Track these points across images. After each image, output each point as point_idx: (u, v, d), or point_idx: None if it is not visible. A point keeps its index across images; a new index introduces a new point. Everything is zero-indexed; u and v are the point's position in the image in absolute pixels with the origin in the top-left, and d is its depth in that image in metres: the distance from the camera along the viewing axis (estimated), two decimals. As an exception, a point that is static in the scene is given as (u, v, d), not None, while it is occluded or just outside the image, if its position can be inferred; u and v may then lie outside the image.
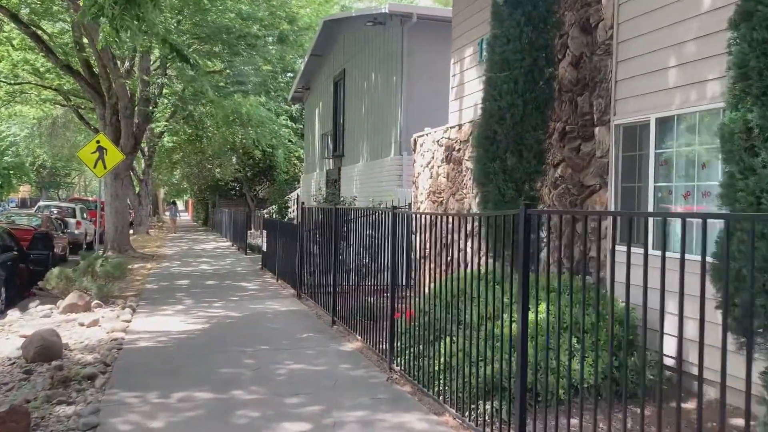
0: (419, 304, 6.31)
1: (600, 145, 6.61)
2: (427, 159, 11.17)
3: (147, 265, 16.96)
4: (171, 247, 23.98)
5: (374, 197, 13.54)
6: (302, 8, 25.81)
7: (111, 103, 18.00)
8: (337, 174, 18.31)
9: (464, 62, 9.82)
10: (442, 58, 13.60)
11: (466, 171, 9.52)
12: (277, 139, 31.75)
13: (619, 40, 6.38)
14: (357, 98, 16.86)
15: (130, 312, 9.58)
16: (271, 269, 14.81)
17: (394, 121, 13.94)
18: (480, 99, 9.20)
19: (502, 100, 6.50)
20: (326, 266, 9.51)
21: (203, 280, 13.95)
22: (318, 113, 21.74)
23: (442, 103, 13.44)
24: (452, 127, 10.12)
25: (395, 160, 13.67)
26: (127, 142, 18.15)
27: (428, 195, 10.99)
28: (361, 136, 16.39)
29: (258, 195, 37.88)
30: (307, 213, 10.91)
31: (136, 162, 33.91)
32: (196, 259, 18.67)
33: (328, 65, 20.15)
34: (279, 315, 9.65)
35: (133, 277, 14.26)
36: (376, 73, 15.26)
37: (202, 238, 29.74)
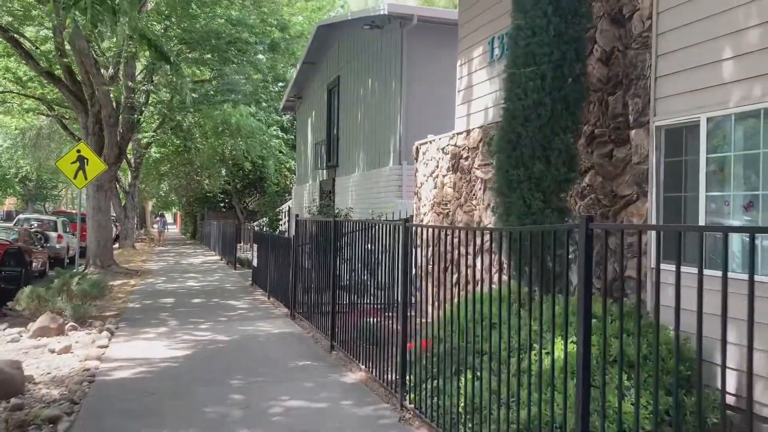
0: (431, 329, 5.51)
1: (637, 149, 5.86)
2: (430, 168, 10.40)
3: (131, 281, 16.05)
4: (157, 261, 23.04)
5: (373, 209, 12.75)
6: (294, 16, 25.14)
7: (94, 111, 17.15)
8: (332, 185, 17.52)
9: (472, 63, 9.09)
10: (444, 62, 12.88)
11: (475, 180, 8.76)
12: (267, 150, 31.01)
13: (659, 32, 5.65)
14: (352, 106, 16.11)
15: (107, 336, 8.70)
16: (262, 286, 13.95)
17: (392, 129, 13.18)
18: (491, 102, 8.47)
19: (528, 99, 5.74)
20: (323, 283, 8.69)
21: (189, 298, 13.07)
22: (311, 122, 20.97)
23: (445, 109, 12.70)
24: (459, 133, 9.37)
25: (394, 169, 12.89)
26: (110, 152, 17.28)
27: (432, 206, 10.21)
28: (356, 145, 15.62)
29: (248, 207, 36.99)
30: (301, 225, 10.09)
31: (123, 173, 32.99)
32: (183, 275, 17.76)
33: (322, 73, 19.41)
34: (271, 339, 8.80)
35: (114, 295, 13.35)
36: (373, 79, 14.52)
37: (190, 252, 28.80)
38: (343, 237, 7.87)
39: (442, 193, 9.87)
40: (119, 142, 17.74)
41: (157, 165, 34.38)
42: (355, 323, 7.40)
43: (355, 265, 7.50)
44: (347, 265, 7.75)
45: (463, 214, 9.09)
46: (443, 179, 9.86)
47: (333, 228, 7.98)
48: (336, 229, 7.94)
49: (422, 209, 10.71)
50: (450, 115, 12.61)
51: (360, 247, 7.30)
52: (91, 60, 16.01)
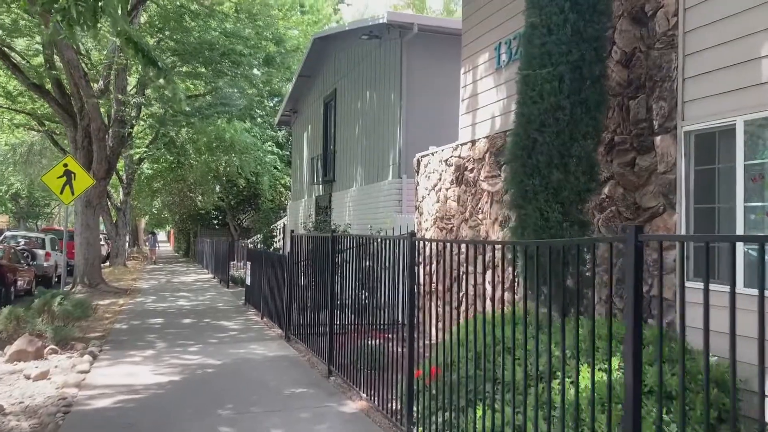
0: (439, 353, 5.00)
1: (663, 157, 5.39)
2: (432, 181, 9.93)
3: (119, 300, 15.45)
4: (148, 279, 22.43)
5: (371, 224, 12.25)
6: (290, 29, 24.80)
7: (83, 125, 16.64)
8: (328, 200, 17.02)
9: (478, 71, 8.65)
10: (445, 72, 12.48)
11: (481, 193, 8.28)
12: (262, 166, 30.57)
13: (687, 29, 5.21)
14: (350, 119, 15.67)
15: (89, 360, 8.12)
16: (255, 305, 13.39)
17: (392, 142, 12.73)
18: (499, 110, 8.02)
19: (544, 102, 5.27)
20: (320, 303, 8.17)
21: (180, 318, 12.49)
22: (306, 137, 20.52)
23: (447, 121, 12.27)
24: (463, 144, 8.91)
25: (393, 183, 12.41)
26: (99, 166, 16.75)
27: (435, 221, 9.72)
28: (354, 159, 15.15)
29: (242, 224, 36.41)
30: (297, 241, 9.58)
31: (114, 190, 32.42)
32: (174, 294, 17.17)
33: (318, 86, 19.00)
34: (265, 363, 8.24)
35: (101, 315, 12.77)
36: (371, 91, 14.10)
37: (182, 270, 28.18)
38: (342, 253, 7.36)
39: (445, 207, 9.39)
40: (109, 156, 17.22)
41: (149, 181, 33.83)
42: (355, 346, 6.88)
43: (354, 283, 7.00)
44: (346, 283, 7.24)
45: (468, 230, 8.60)
46: (446, 192, 9.38)
47: (331, 243, 7.47)
48: (334, 245, 7.43)
49: (424, 224, 10.22)
50: (452, 127, 12.18)
51: (360, 264, 6.80)
52: (81, 72, 15.55)
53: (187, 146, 30.61)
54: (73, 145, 17.01)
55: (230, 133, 28.10)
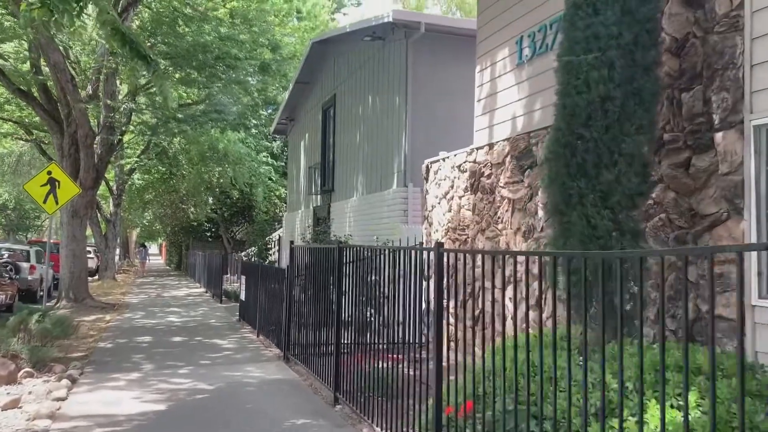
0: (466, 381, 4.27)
1: (726, 156, 4.69)
2: (444, 189, 9.21)
3: (106, 316, 14.61)
4: (137, 294, 21.57)
5: (376, 235, 11.52)
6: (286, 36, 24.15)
7: (70, 131, 15.87)
8: (327, 211, 16.28)
9: (496, 68, 7.97)
10: (454, 75, 11.83)
11: (501, 201, 7.56)
12: (256, 176, 29.84)
13: (755, 9, 4.53)
14: (350, 125, 14.98)
15: (67, 385, 7.32)
16: (250, 322, 12.60)
17: (396, 148, 12.02)
18: (522, 109, 7.32)
19: (591, 92, 4.57)
20: (325, 320, 7.41)
21: (169, 336, 11.67)
22: (303, 145, 19.81)
23: (457, 125, 11.60)
24: (479, 148, 8.20)
25: (399, 192, 11.69)
26: (87, 175, 15.95)
27: (446, 232, 8.99)
28: (355, 167, 14.44)
29: (235, 237, 35.57)
30: (298, 254, 8.82)
31: (104, 201, 31.58)
32: (164, 309, 16.33)
33: (316, 92, 18.32)
34: (263, 388, 7.45)
35: (85, 332, 11.94)
36: (374, 96, 13.41)
37: (174, 284, 27.30)
38: (350, 266, 6.62)
39: (459, 216, 8.66)
40: (97, 164, 16.43)
41: (140, 192, 33.00)
42: (365, 369, 6.12)
43: (364, 299, 6.26)
44: (354, 299, 6.50)
45: (486, 241, 7.87)
46: (460, 201, 8.66)
47: (338, 255, 6.72)
48: (341, 257, 6.69)
49: (434, 235, 9.49)
50: (463, 131, 11.50)
51: (372, 278, 6.07)
52: (67, 76, 14.80)
53: (179, 157, 29.87)
54: (60, 152, 16.22)
55: (223, 143, 27.42)
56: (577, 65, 4.65)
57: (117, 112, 16.77)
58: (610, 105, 4.53)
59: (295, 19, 25.24)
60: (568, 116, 4.67)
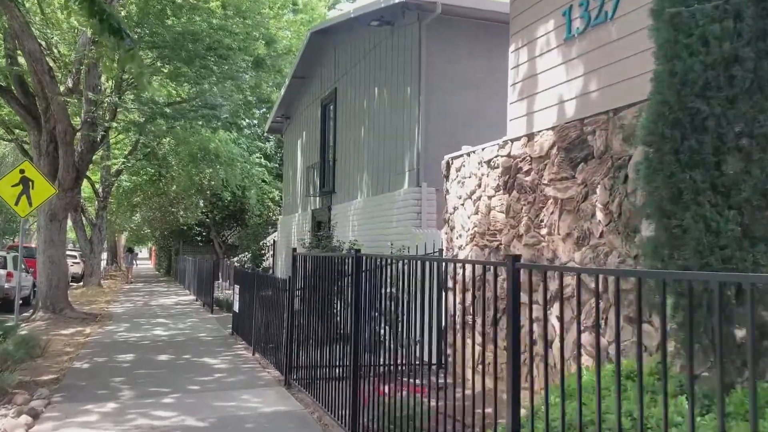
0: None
1: None
2: (469, 188, 8.05)
3: (86, 329, 13.34)
4: (123, 302, 20.25)
5: (384, 240, 10.35)
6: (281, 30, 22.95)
7: (48, 128, 14.62)
8: (327, 214, 15.08)
9: (536, 45, 6.82)
10: (475, 62, 10.71)
11: (544, 201, 6.41)
12: (249, 178, 28.66)
13: None
14: (353, 121, 13.80)
15: (26, 422, 6.09)
16: (244, 336, 11.38)
17: (408, 145, 10.85)
18: (576, 90, 6.16)
19: (710, 53, 3.42)
20: (336, 339, 6.25)
21: (154, 353, 10.43)
22: (300, 144, 18.61)
23: (478, 118, 10.49)
24: (515, 139, 7.05)
25: (411, 193, 10.51)
26: (66, 175, 14.69)
27: (473, 237, 7.83)
28: (359, 166, 13.26)
29: (227, 241, 34.27)
30: (302, 262, 7.63)
31: (89, 204, 30.23)
32: (150, 320, 15.06)
33: (314, 87, 17.14)
34: (262, 423, 6.24)
35: (60, 349, 10.69)
36: (381, 88, 12.24)
37: (162, 291, 25.98)
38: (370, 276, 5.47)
39: (488, 219, 7.50)
40: (77, 163, 15.16)
41: (128, 195, 31.66)
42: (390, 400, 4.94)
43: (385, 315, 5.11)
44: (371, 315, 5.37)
45: (524, 248, 6.71)
46: (489, 201, 7.50)
47: (355, 265, 5.55)
48: (358, 267, 5.52)
49: (456, 241, 8.32)
50: (485, 125, 10.37)
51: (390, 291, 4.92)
52: (44, 66, 13.55)
53: (169, 158, 28.61)
54: (37, 151, 14.96)
55: (215, 144, 26.23)
56: (689, 18, 3.49)
57: (100, 107, 15.50)
58: (738, 69, 3.38)
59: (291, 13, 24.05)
60: (678, 85, 3.51)
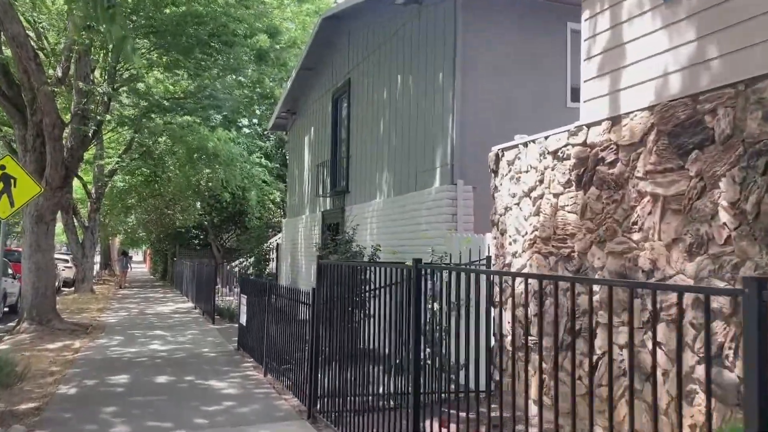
0: None
1: None
2: (527, 184, 6.81)
3: (75, 343, 12.05)
4: (117, 310, 18.93)
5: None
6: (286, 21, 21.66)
7: (35, 121, 13.32)
8: (340, 216, 13.82)
9: (621, 9, 5.59)
10: (520, 41, 9.52)
11: (638, 198, 5.17)
12: (249, 179, 27.43)
13: None
14: (371, 114, 12.56)
15: (-8, 477, 4.84)
16: (253, 353, 10.12)
17: (440, 137, 9.61)
18: (684, 60, 4.91)
19: None
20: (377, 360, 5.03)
21: (152, 373, 9.15)
22: (308, 141, 17.35)
23: (524, 107, 9.30)
24: (593, 124, 5.82)
25: (444, 192, 9.26)
26: (54, 172, 13.39)
27: (533, 242, 6.59)
28: (378, 163, 12.02)
29: (225, 244, 32.92)
30: (330, 272, 6.38)
31: (82, 205, 28.89)
32: (147, 332, 13.77)
33: (325, 79, 15.89)
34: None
35: (45, 368, 9.43)
36: (405, 75, 11.00)
37: (159, 297, 24.65)
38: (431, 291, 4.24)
39: (554, 221, 6.26)
40: (66, 160, 13.86)
41: (122, 196, 30.31)
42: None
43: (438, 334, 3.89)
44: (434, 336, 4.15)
45: (607, 256, 5.47)
46: (556, 200, 6.26)
47: (415, 276, 4.31)
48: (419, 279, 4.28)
49: (509, 247, 7.07)
50: (533, 111, 9.16)
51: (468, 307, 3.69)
52: (30, 52, 12.26)
53: (165, 158, 27.33)
54: (22, 146, 13.66)
55: (213, 142, 24.99)
56: None
57: (91, 99, 14.21)
58: None
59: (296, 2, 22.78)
60: None
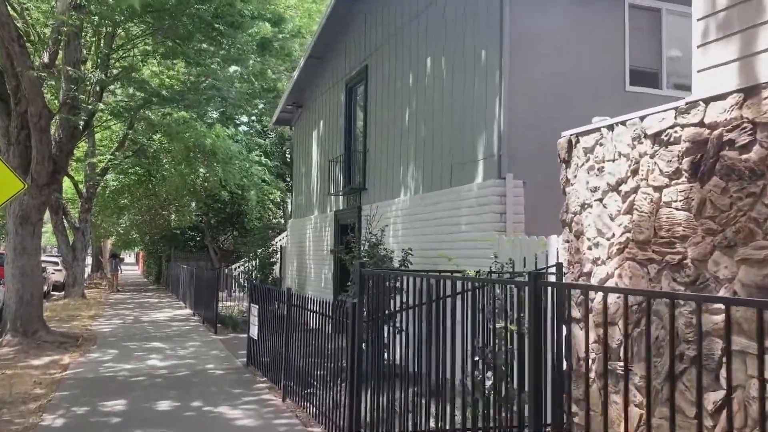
0: None
1: None
2: (614, 175, 5.61)
3: (63, 358, 10.79)
4: (110, 317, 17.62)
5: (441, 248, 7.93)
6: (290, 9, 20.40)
7: (19, 110, 12.06)
8: (356, 216, 12.60)
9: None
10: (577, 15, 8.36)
11: (791, 191, 3.98)
12: (248, 178, 26.25)
13: None
14: (393, 102, 11.34)
15: None
16: (267, 371, 8.88)
17: (484, 124, 8.39)
18: None
19: None
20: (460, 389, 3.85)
21: (153, 398, 7.89)
22: (317, 136, 16.12)
23: (582, 87, 8.14)
24: (713, 99, 4.63)
25: (490, 187, 8.05)
26: (41, 167, 12.10)
27: (623, 247, 5.39)
28: (402, 156, 10.80)
29: (222, 246, 31.60)
30: (375, 282, 5.17)
31: (72, 206, 27.52)
32: (143, 344, 12.50)
33: (337, 67, 14.67)
34: None
35: (28, 390, 8.18)
36: (436, 56, 9.78)
37: (154, 303, 23.34)
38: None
39: (655, 220, 5.06)
40: (54, 154, 12.57)
41: (115, 196, 28.95)
42: None
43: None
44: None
45: (737, 265, 4.27)
46: (658, 194, 5.06)
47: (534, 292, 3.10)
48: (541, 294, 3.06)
49: (589, 252, 5.87)
50: (593, 97, 8.01)
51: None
52: (12, 33, 10.98)
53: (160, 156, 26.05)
54: (6, 139, 12.36)
55: (211, 139, 23.78)
56: None
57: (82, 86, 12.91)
58: None
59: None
60: None
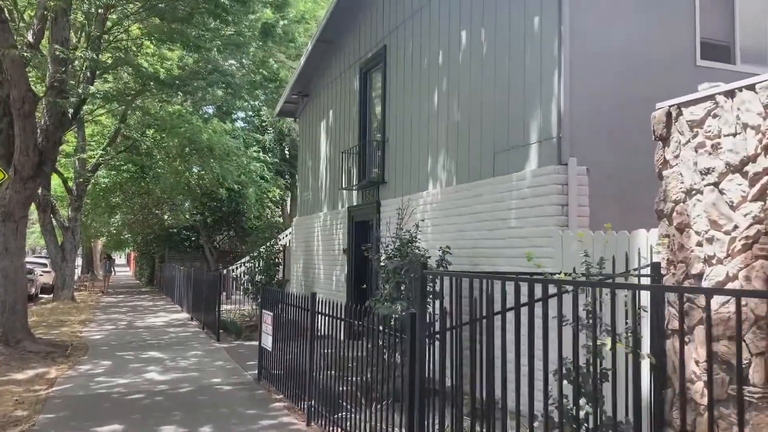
0: None
1: None
2: (737, 153, 4.49)
3: (50, 371, 9.60)
4: (102, 322, 16.40)
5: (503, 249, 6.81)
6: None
7: (1, 95, 10.88)
8: (374, 211, 11.46)
9: None
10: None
11: None
12: (246, 175, 25.15)
13: None
14: (418, 85, 10.21)
15: None
16: (283, 386, 7.71)
17: (538, 102, 7.26)
18: None
19: None
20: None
21: (153, 422, 6.71)
22: (326, 127, 14.97)
23: (649, 61, 7.05)
24: None
25: (548, 175, 6.93)
26: (25, 158, 10.90)
27: (751, 242, 4.28)
28: (429, 145, 9.67)
29: (218, 247, 30.37)
30: (453, 287, 4.04)
31: (61, 204, 26.22)
32: (140, 354, 11.30)
33: (349, 51, 13.54)
34: None
35: (8, 411, 7.01)
36: (474, 28, 8.66)
37: (148, 306, 22.09)
38: None
39: (805, 208, 3.95)
40: (41, 144, 11.36)
41: (106, 194, 27.68)
42: None
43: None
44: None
45: None
46: (809, 175, 3.95)
47: None
48: None
49: (698, 249, 4.75)
50: (661, 72, 6.92)
51: None
52: (-8, 6, 9.81)
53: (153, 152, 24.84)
54: (-14, 127, 11.18)
55: (207, 134, 22.66)
56: None
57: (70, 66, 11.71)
58: None
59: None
60: None
